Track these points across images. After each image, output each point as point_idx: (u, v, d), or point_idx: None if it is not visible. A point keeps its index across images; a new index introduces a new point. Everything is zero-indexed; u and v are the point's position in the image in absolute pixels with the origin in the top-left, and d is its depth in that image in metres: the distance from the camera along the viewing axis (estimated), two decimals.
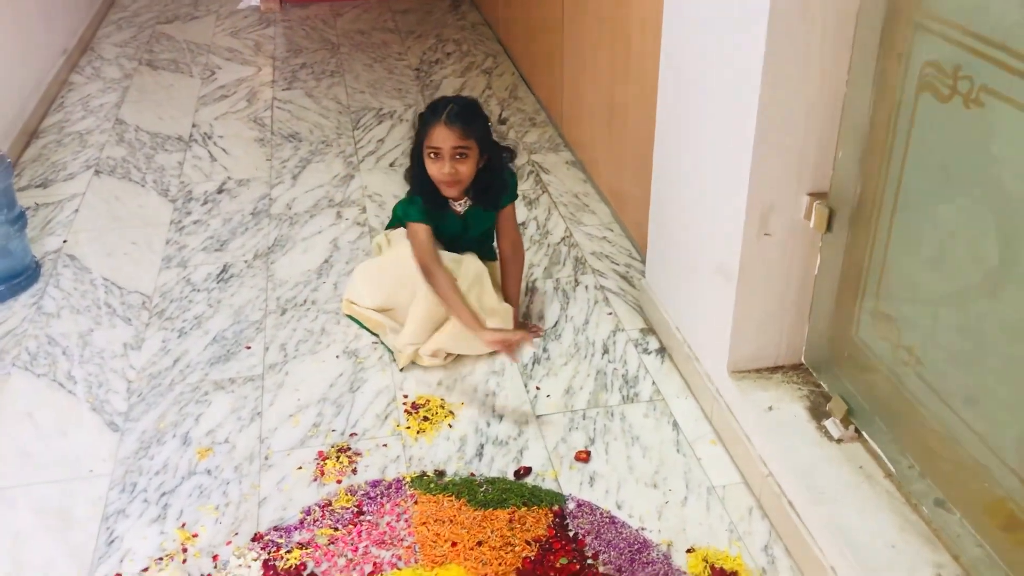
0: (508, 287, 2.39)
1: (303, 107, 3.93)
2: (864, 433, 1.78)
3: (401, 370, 2.27)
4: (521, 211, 3.01)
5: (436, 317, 2.24)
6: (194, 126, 3.75)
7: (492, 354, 2.31)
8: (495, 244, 2.43)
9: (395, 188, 3.19)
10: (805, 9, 1.62)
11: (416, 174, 2.24)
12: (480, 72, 4.28)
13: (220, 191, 3.21)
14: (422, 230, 2.22)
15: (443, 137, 2.12)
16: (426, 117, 2.18)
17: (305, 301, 2.56)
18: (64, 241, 2.88)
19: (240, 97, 4.05)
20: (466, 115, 2.14)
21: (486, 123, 2.20)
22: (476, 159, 2.19)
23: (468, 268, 2.26)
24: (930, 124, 1.48)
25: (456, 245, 2.33)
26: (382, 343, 2.36)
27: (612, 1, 2.76)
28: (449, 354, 2.30)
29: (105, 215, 3.05)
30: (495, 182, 2.27)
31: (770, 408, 1.90)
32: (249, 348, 2.37)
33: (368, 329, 2.41)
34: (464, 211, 2.29)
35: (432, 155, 2.16)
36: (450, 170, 2.16)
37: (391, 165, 3.39)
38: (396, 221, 2.47)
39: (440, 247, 2.27)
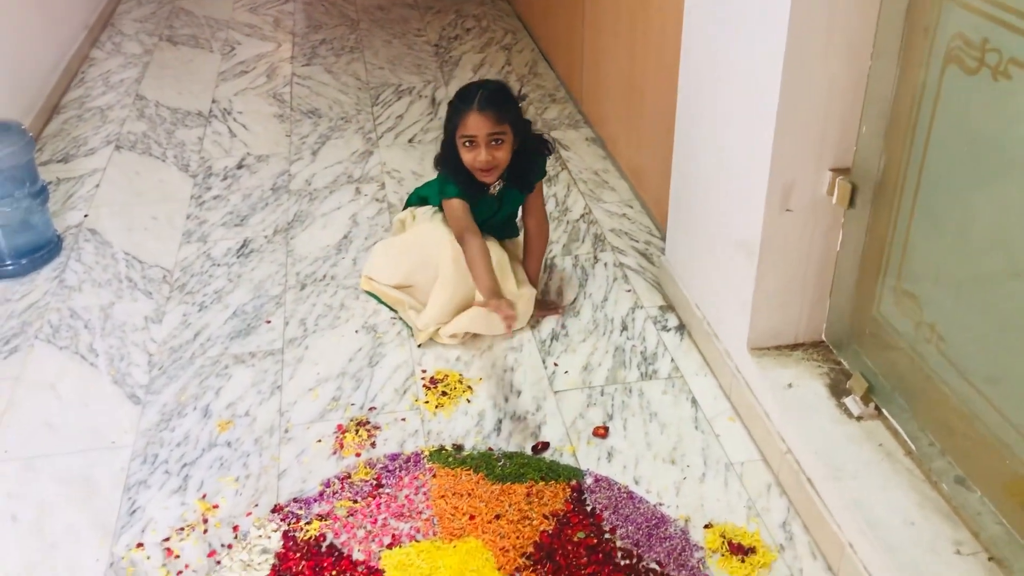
0: (529, 265, 2.39)
1: (322, 83, 3.93)
2: (884, 411, 1.77)
3: (419, 346, 2.28)
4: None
5: (459, 301, 2.25)
6: (214, 102, 3.75)
7: (510, 334, 2.31)
8: (518, 220, 2.43)
9: (414, 164, 3.19)
10: None
11: (450, 164, 2.19)
12: (499, 48, 4.26)
13: (240, 167, 3.22)
14: (459, 205, 2.20)
15: (478, 124, 2.09)
16: (457, 105, 2.13)
17: (324, 276, 2.57)
18: (85, 215, 2.90)
19: (260, 73, 4.05)
20: (498, 100, 2.11)
21: (518, 106, 2.17)
22: (511, 143, 2.15)
23: (492, 255, 2.25)
24: (956, 98, 1.46)
25: (485, 226, 2.33)
26: (401, 319, 2.37)
27: None
28: (468, 332, 2.30)
29: (126, 190, 3.06)
30: (530, 164, 2.25)
31: (790, 385, 1.89)
32: (269, 322, 2.38)
33: (387, 305, 2.41)
34: (498, 192, 2.27)
35: (467, 143, 2.12)
36: (487, 157, 2.12)
37: (410, 141, 3.38)
38: (416, 199, 2.47)
39: None
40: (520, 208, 2.38)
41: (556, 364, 2.21)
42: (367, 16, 4.77)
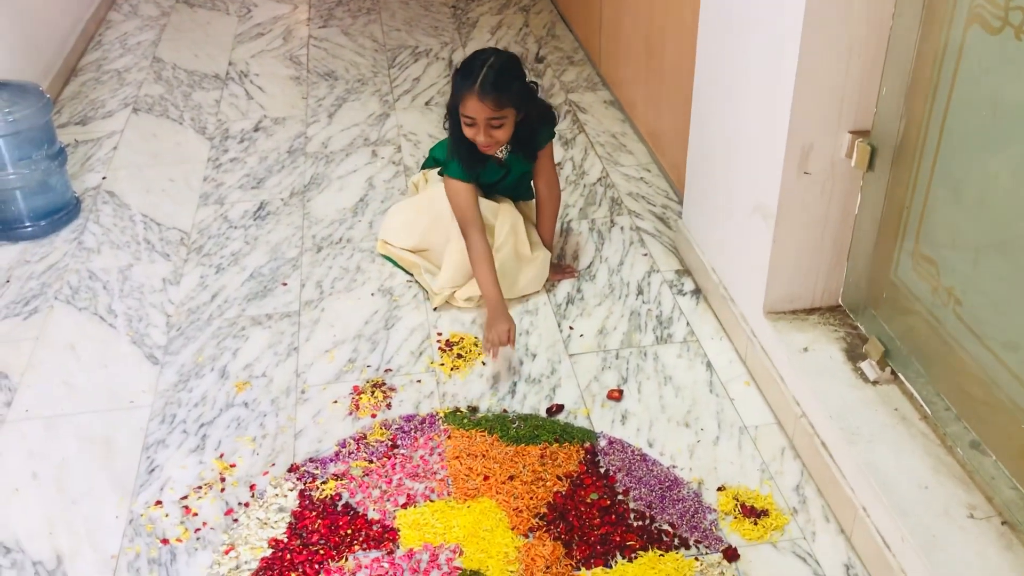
0: (543, 228, 2.38)
1: (339, 45, 3.91)
2: (900, 375, 1.76)
3: (435, 309, 2.28)
4: (558, 151, 2.98)
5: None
6: (230, 64, 3.74)
7: (525, 297, 2.31)
8: (532, 183, 2.42)
9: (430, 127, 3.17)
10: None
11: (453, 133, 2.17)
12: (518, 10, 4.22)
13: (256, 129, 3.21)
14: (463, 190, 2.18)
15: (477, 108, 2.05)
16: (459, 82, 2.08)
17: (340, 239, 2.58)
18: (103, 178, 2.91)
19: (276, 35, 4.03)
20: (500, 83, 2.04)
21: (523, 83, 2.12)
22: (512, 122, 2.12)
23: (504, 220, 2.25)
24: (979, 58, 1.43)
25: (495, 189, 2.33)
26: (416, 282, 2.37)
27: None
28: (470, 297, 2.30)
29: (143, 152, 3.07)
30: (534, 133, 2.22)
31: (805, 349, 1.88)
32: (285, 285, 2.39)
33: (403, 268, 2.42)
34: (505, 157, 2.26)
35: (468, 123, 2.10)
36: (485, 139, 2.10)
37: (427, 104, 3.36)
38: (432, 162, 2.46)
39: (480, 194, 2.26)
40: (532, 169, 2.37)
41: (571, 328, 2.22)
42: None
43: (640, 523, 1.71)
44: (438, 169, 2.36)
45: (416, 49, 3.84)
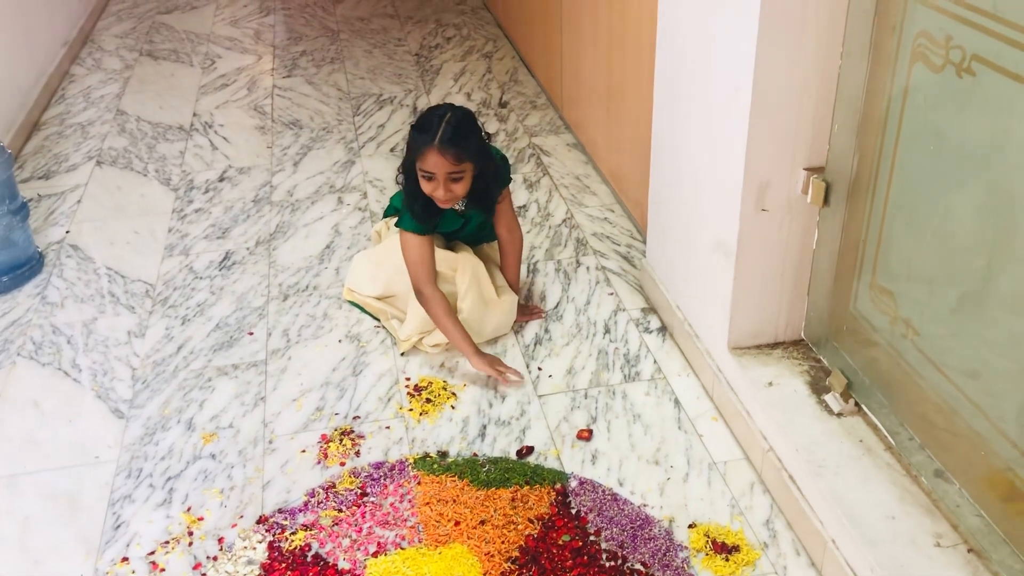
0: (508, 272, 2.39)
1: (303, 94, 3.93)
2: (864, 406, 1.78)
3: (403, 355, 2.28)
4: (522, 193, 3.02)
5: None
6: (195, 115, 3.75)
7: (493, 339, 2.32)
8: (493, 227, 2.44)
9: (395, 173, 3.18)
10: None
11: (409, 187, 2.16)
12: (480, 56, 4.28)
13: (221, 179, 3.22)
14: (417, 244, 2.16)
15: (437, 163, 2.04)
16: (418, 136, 2.07)
17: (307, 287, 2.57)
18: (67, 231, 2.90)
19: (240, 86, 4.05)
20: (459, 137, 2.04)
21: (479, 137, 2.12)
22: (471, 176, 2.11)
23: (465, 269, 2.25)
24: (924, 95, 1.47)
25: (455, 236, 2.36)
26: (384, 327, 2.38)
27: None
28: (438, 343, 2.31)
29: (108, 205, 3.06)
30: (489, 188, 2.21)
31: (770, 384, 1.90)
32: (252, 334, 2.38)
33: (369, 314, 2.42)
34: (462, 209, 2.26)
35: (426, 177, 2.08)
36: (444, 194, 2.08)
37: (392, 150, 3.39)
38: (392, 210, 2.47)
39: (439, 243, 2.28)
40: (491, 221, 2.39)
41: (540, 368, 2.22)
42: (347, 27, 4.78)
43: (612, 563, 1.71)
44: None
45: (380, 97, 3.87)
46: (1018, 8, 1.24)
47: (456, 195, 2.11)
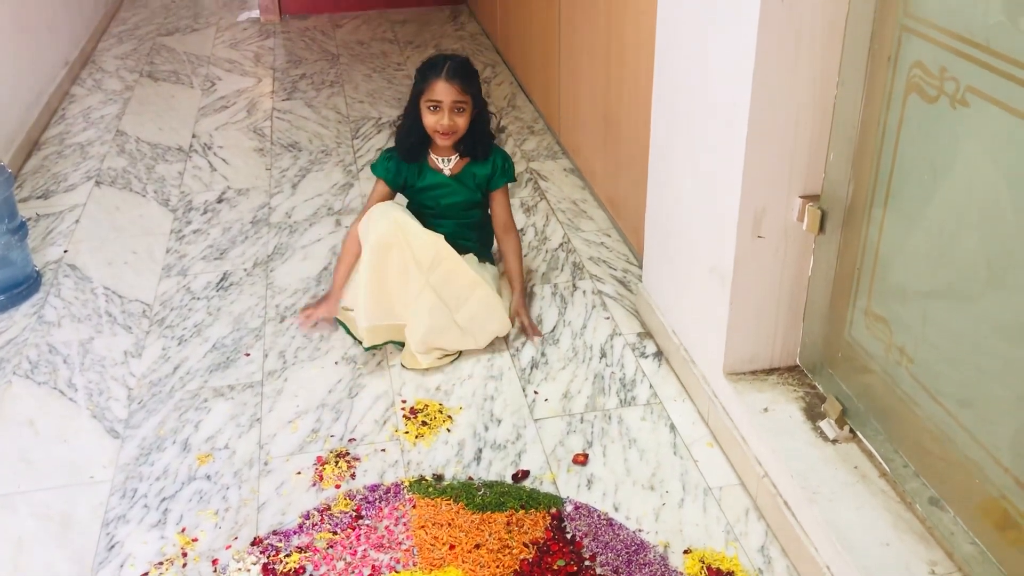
0: (510, 269, 2.48)
1: (303, 117, 3.96)
2: (859, 433, 1.79)
3: (366, 350, 2.30)
4: (520, 217, 3.03)
5: (378, 286, 2.23)
6: (194, 137, 3.77)
7: (490, 362, 2.33)
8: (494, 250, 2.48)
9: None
10: (793, 14, 1.64)
11: (409, 124, 2.36)
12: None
13: (220, 200, 3.23)
14: (380, 191, 2.42)
15: (444, 91, 2.27)
16: (425, 72, 2.31)
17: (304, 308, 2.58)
18: (65, 251, 2.91)
19: (240, 108, 4.08)
20: (464, 72, 2.30)
21: (479, 80, 2.37)
22: (471, 113, 2.33)
23: (436, 246, 2.27)
24: (918, 125, 1.49)
25: (446, 214, 2.41)
26: (352, 335, 2.36)
27: (606, 11, 2.78)
28: (446, 354, 2.31)
29: (106, 225, 3.07)
30: (484, 135, 2.41)
31: (765, 410, 1.91)
32: (248, 355, 2.39)
33: (350, 332, 2.39)
34: (453, 172, 2.40)
35: (431, 107, 2.29)
36: (449, 122, 2.29)
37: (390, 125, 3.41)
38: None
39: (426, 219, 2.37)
40: (479, 218, 2.48)
41: (536, 392, 2.23)
42: (347, 51, 4.81)
43: None
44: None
45: (379, 120, 3.89)
46: (1011, 42, 1.26)
47: (457, 127, 2.31)
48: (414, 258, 2.22)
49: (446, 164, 2.42)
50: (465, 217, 2.46)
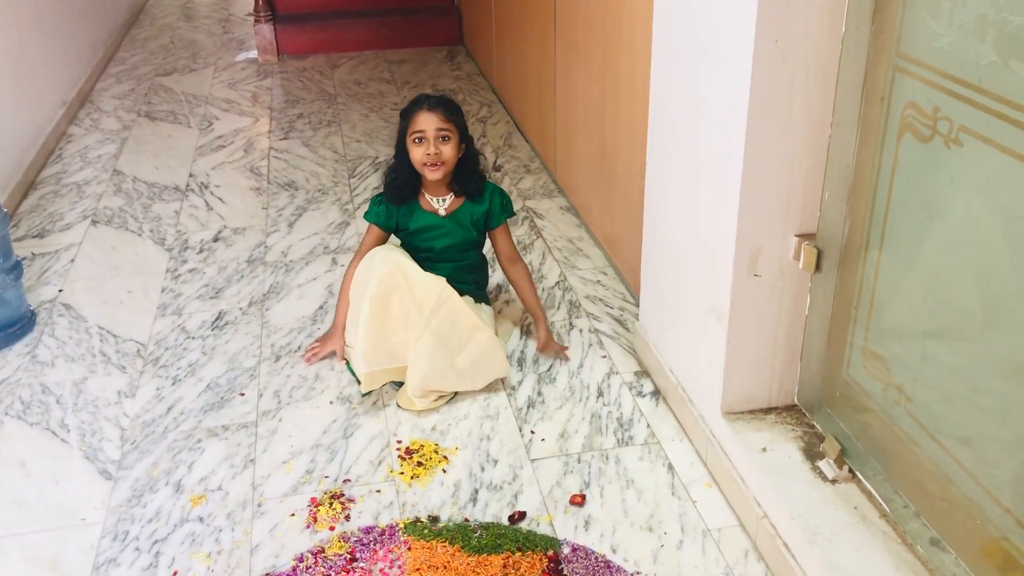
0: (527, 302, 2.51)
1: (300, 156, 3.97)
2: (858, 473, 1.78)
3: (364, 395, 2.29)
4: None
5: (378, 331, 2.22)
6: (191, 176, 3.78)
7: (487, 402, 2.32)
8: (490, 269, 2.55)
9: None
10: (788, 55, 1.66)
11: (395, 164, 2.40)
12: (475, 120, 4.34)
13: (216, 239, 3.23)
14: (373, 235, 2.44)
15: (427, 121, 2.30)
16: (407, 110, 2.36)
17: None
18: (60, 290, 2.90)
19: (237, 147, 4.09)
20: (445, 103, 2.34)
21: (462, 114, 2.39)
22: (457, 144, 2.34)
23: (435, 291, 2.25)
24: (913, 164, 1.50)
25: (436, 261, 2.38)
26: (351, 372, 2.36)
27: (601, 50, 2.81)
28: (442, 395, 2.30)
29: (101, 264, 3.07)
30: (473, 171, 2.42)
31: (764, 449, 1.89)
32: (243, 395, 2.37)
33: (353, 373, 2.39)
34: (448, 212, 2.40)
35: (417, 140, 2.32)
36: (434, 150, 2.30)
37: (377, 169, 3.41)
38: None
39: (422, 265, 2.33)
40: (476, 259, 2.49)
41: (533, 432, 2.21)
42: (344, 91, 4.85)
43: None
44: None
45: (376, 159, 3.91)
46: (1003, 82, 1.27)
47: (443, 157, 2.32)
48: (414, 302, 2.21)
49: (441, 204, 2.42)
50: (462, 259, 2.45)
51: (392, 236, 2.48)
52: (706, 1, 1.83)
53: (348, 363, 2.42)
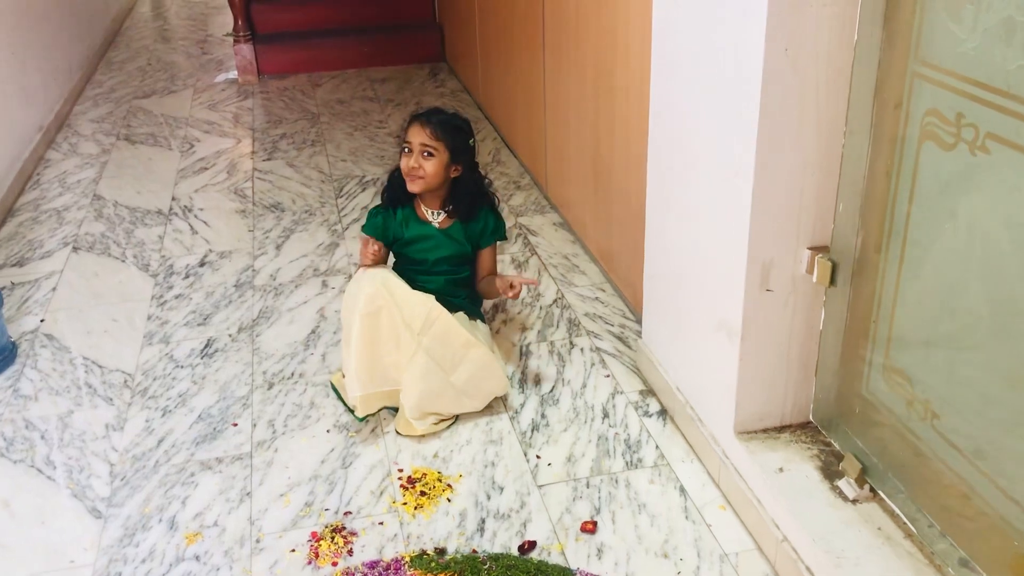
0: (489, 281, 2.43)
1: (284, 177, 3.89)
2: (880, 492, 1.72)
3: (361, 420, 2.19)
4: (511, 273, 2.96)
5: (370, 354, 2.16)
6: (174, 199, 3.70)
7: (489, 426, 2.25)
8: (477, 288, 2.47)
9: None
10: (798, 62, 1.61)
11: (393, 171, 2.38)
12: None
13: (202, 264, 3.15)
14: (369, 245, 2.33)
15: (416, 133, 2.27)
16: (411, 118, 2.32)
17: (293, 374, 2.49)
18: (42, 320, 2.80)
19: (220, 169, 4.01)
20: (444, 123, 2.28)
21: (466, 139, 2.32)
22: (444, 163, 2.29)
23: (426, 306, 2.19)
24: (935, 173, 1.45)
25: (429, 274, 2.34)
26: (343, 403, 2.28)
27: (595, 61, 2.75)
28: (442, 419, 2.23)
29: (84, 292, 2.97)
30: (471, 195, 2.37)
31: (780, 469, 1.83)
32: (236, 425, 2.29)
33: (342, 400, 2.31)
34: (442, 226, 2.37)
35: (405, 150, 2.29)
36: (415, 163, 2.27)
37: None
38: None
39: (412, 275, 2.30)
40: (469, 274, 2.44)
41: (539, 456, 2.14)
42: (327, 109, 4.78)
43: None
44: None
45: (363, 179, 3.84)
46: None
47: (424, 172, 2.27)
48: (403, 321, 2.14)
49: (435, 217, 2.37)
50: (455, 272, 2.39)
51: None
52: (711, 9, 1.78)
53: (336, 391, 2.34)
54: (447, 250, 2.37)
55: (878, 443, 1.72)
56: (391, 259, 2.44)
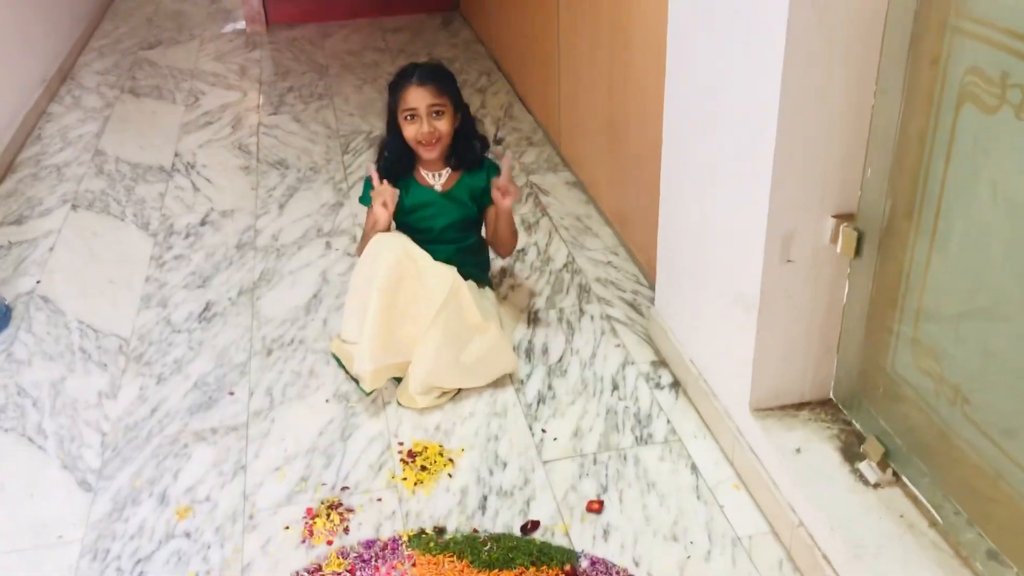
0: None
1: (290, 132, 3.78)
2: (903, 476, 1.62)
3: (368, 394, 2.12)
4: (521, 236, 2.85)
5: (386, 329, 2.06)
6: (176, 155, 3.60)
7: (493, 398, 2.16)
8: (487, 251, 2.41)
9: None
10: (826, 14, 1.47)
11: (390, 142, 2.25)
12: (474, 91, 4.14)
13: (203, 223, 3.05)
14: (380, 192, 2.19)
15: (418, 97, 2.14)
16: (396, 84, 2.19)
17: (292, 340, 2.40)
18: (38, 281, 2.73)
19: (225, 123, 3.90)
20: (436, 74, 2.18)
21: (455, 82, 2.23)
22: (452, 117, 2.20)
23: (444, 277, 2.09)
24: (975, 137, 1.32)
25: (436, 243, 2.21)
26: (354, 379, 2.18)
27: (610, 14, 2.61)
28: (445, 392, 2.14)
29: (82, 252, 2.89)
30: (472, 143, 2.27)
31: (798, 450, 1.73)
32: (232, 394, 2.21)
33: (344, 368, 2.23)
34: (445, 188, 2.26)
35: (408, 117, 2.17)
36: (428, 128, 2.16)
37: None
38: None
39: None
40: (476, 240, 2.35)
41: (544, 431, 2.05)
42: (336, 61, 4.64)
43: None
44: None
45: (371, 134, 3.72)
46: None
47: (439, 132, 2.17)
48: (425, 292, 2.05)
49: (437, 180, 2.26)
50: (463, 240, 2.29)
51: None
52: None
53: (338, 359, 2.25)
54: (453, 216, 2.26)
55: (902, 423, 1.62)
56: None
